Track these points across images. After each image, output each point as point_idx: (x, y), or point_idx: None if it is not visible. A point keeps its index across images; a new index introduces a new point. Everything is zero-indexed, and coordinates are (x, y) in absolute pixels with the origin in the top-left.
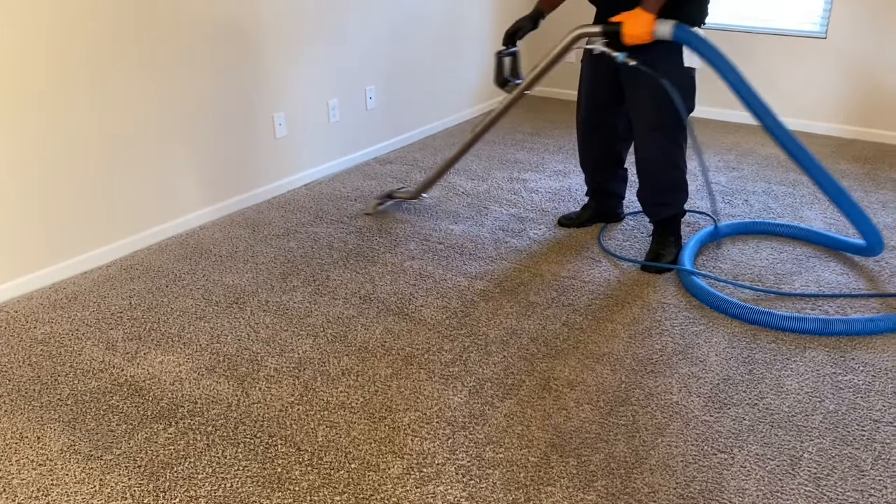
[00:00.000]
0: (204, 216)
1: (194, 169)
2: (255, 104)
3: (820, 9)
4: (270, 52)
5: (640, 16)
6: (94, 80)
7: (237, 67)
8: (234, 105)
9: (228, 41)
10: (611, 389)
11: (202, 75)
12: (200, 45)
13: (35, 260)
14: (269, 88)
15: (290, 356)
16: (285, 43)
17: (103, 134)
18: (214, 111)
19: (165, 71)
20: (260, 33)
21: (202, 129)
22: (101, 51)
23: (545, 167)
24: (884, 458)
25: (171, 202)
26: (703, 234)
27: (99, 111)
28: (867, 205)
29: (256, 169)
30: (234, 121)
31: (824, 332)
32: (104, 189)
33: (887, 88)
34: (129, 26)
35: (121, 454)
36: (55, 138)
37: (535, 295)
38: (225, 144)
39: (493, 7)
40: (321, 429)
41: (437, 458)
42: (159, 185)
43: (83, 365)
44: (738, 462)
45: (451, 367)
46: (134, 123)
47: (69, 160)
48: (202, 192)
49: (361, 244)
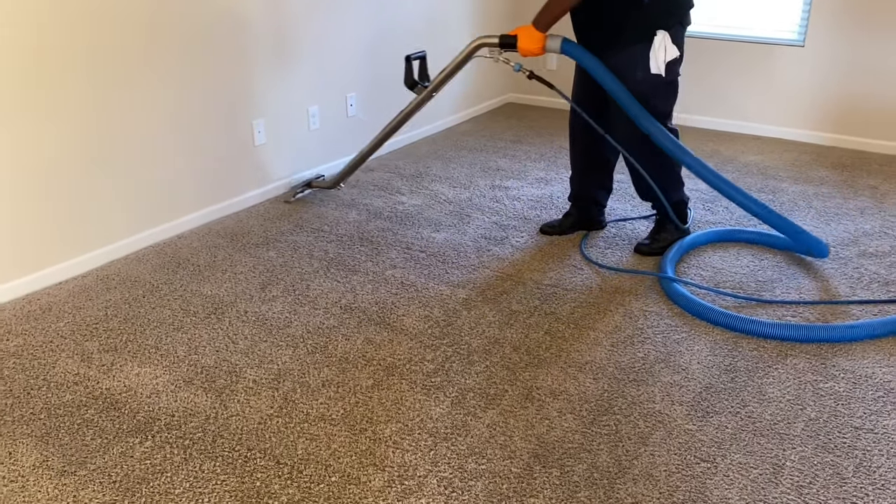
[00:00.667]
0: (182, 225)
1: (172, 177)
2: (234, 111)
3: (798, 17)
4: (249, 58)
5: (532, 32)
6: (68, 87)
7: (215, 74)
8: (212, 112)
9: (206, 47)
10: (593, 398)
11: (179, 82)
12: (178, 52)
13: (7, 271)
14: (249, 95)
15: (269, 367)
16: (265, 49)
17: (78, 142)
18: (192, 118)
19: (141, 78)
20: (239, 40)
21: (180, 136)
22: (75, 59)
23: (527, 175)
24: (865, 465)
25: (149, 211)
26: (685, 242)
27: (73, 119)
28: (845, 211)
29: (235, 177)
30: (212, 128)
31: (806, 339)
32: (79, 198)
33: (865, 96)
34: (106, 34)
35: (95, 469)
36: (28, 146)
37: (517, 303)
38: (203, 152)
39: (471, 16)
40: (301, 441)
41: (419, 471)
42: (136, 193)
43: (57, 378)
44: (721, 471)
45: (433, 377)
46: (109, 131)
47: (42, 169)
48: (180, 200)
49: (342, 253)
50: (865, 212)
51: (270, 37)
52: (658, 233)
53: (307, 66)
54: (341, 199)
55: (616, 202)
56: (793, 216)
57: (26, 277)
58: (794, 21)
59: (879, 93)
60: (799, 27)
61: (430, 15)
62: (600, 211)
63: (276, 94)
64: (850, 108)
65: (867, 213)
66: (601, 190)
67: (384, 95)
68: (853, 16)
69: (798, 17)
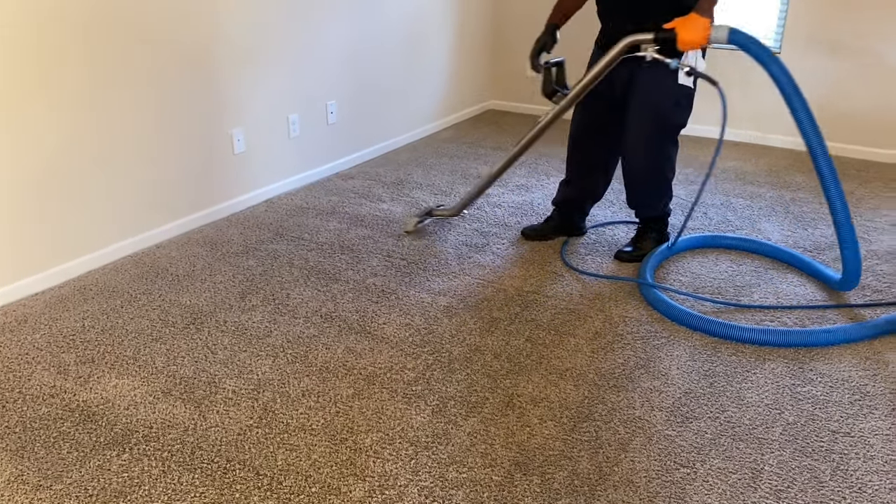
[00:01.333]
0: (161, 234)
1: (150, 186)
2: (213, 119)
3: (774, 24)
4: (228, 65)
5: (696, 21)
6: (45, 97)
7: (194, 82)
8: (191, 120)
9: (185, 55)
10: (574, 405)
11: (158, 90)
12: (156, 60)
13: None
14: (228, 103)
15: (248, 378)
16: (244, 56)
17: (54, 150)
18: (171, 126)
19: (120, 86)
20: (217, 47)
21: (158, 144)
22: (52, 67)
23: (508, 181)
24: (842, 469)
25: (127, 220)
26: (664, 248)
27: (49, 128)
28: (822, 216)
29: (214, 185)
30: (191, 136)
31: (784, 343)
32: (56, 208)
33: (840, 103)
34: (83, 41)
35: (72, 483)
36: (1, 158)
37: (498, 311)
38: (182, 160)
39: (451, 25)
40: (281, 452)
41: (400, 480)
42: (114, 202)
43: (33, 390)
44: (701, 476)
45: (414, 385)
46: (87, 139)
47: (17, 180)
48: (159, 209)
49: (323, 261)
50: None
51: (250, 44)
52: (639, 241)
53: (287, 74)
54: (322, 207)
55: (595, 208)
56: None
57: (1, 289)
58: (770, 28)
59: (854, 100)
60: (775, 34)
61: (411, 23)
62: (582, 217)
63: (255, 102)
64: (825, 114)
65: None
66: (590, 198)
67: (365, 103)
68: (829, 24)
69: (774, 24)
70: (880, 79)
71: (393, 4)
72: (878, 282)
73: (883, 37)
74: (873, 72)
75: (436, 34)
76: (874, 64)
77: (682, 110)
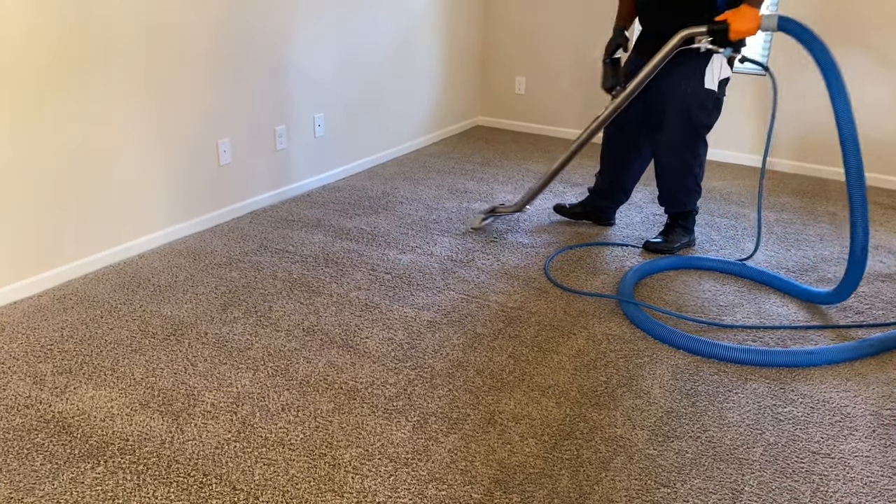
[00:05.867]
0: (143, 244)
1: (133, 195)
2: (199, 130)
3: (760, 46)
4: (215, 76)
5: (747, 12)
6: (25, 105)
7: (180, 92)
8: (176, 130)
9: (171, 65)
10: (555, 423)
11: (143, 99)
12: (141, 69)
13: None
14: (214, 114)
15: (228, 391)
16: (231, 67)
17: (35, 158)
18: (156, 136)
19: (104, 95)
20: (204, 57)
21: (143, 154)
22: (36, 75)
23: (495, 197)
24: (822, 490)
25: (109, 229)
26: (645, 266)
27: (31, 135)
28: (805, 237)
29: (199, 196)
30: (176, 147)
31: (766, 363)
32: (35, 216)
33: (826, 124)
34: (68, 50)
35: (44, 496)
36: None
37: (481, 326)
38: (167, 170)
39: (440, 41)
40: (258, 467)
41: (378, 497)
42: (96, 211)
43: (7, 401)
44: (681, 496)
45: (395, 401)
46: (69, 148)
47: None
48: (142, 219)
49: (306, 274)
50: (825, 238)
51: (237, 56)
52: (668, 233)
53: (275, 86)
54: (307, 220)
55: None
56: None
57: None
58: (756, 50)
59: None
60: (761, 56)
61: (400, 38)
62: (612, 209)
63: (242, 113)
64: (810, 136)
65: (826, 239)
66: (619, 190)
67: (353, 116)
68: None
69: (760, 45)
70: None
71: (382, 19)
72: (860, 303)
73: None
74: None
75: (425, 50)
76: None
77: (708, 112)
